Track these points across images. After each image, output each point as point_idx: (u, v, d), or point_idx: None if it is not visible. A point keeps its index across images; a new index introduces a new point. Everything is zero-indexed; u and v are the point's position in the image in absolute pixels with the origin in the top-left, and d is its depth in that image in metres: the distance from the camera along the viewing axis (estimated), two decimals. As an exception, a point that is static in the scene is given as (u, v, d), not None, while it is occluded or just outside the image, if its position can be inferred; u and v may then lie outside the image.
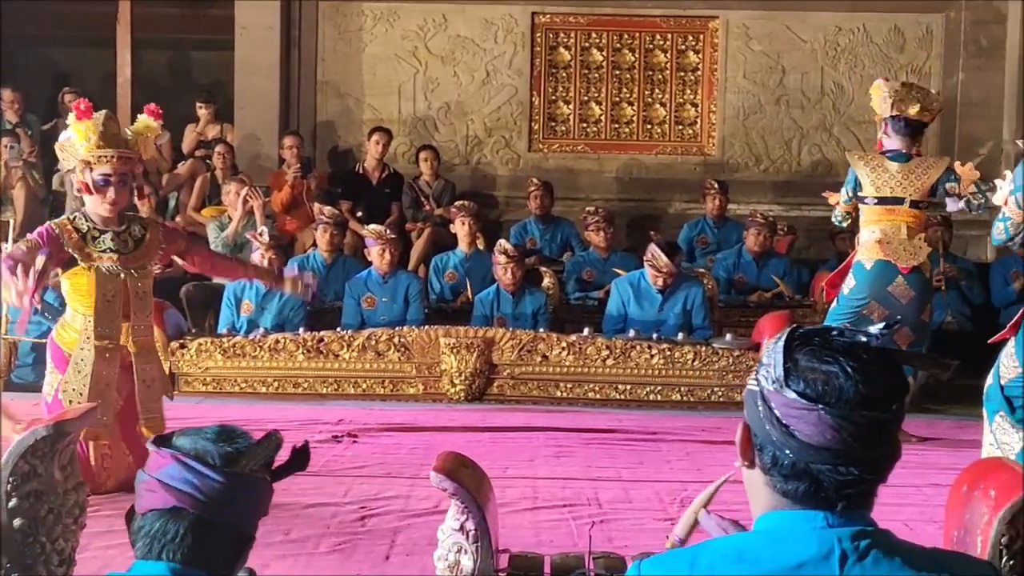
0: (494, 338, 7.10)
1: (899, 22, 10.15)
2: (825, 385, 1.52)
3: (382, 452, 5.70)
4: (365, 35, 10.26)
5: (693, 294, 7.61)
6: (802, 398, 1.53)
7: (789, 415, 1.53)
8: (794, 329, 1.60)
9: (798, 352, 1.56)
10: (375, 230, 7.87)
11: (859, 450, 1.52)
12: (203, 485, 1.84)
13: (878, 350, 1.56)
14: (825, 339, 1.57)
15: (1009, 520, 2.53)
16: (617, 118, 10.41)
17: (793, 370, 1.55)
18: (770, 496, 1.58)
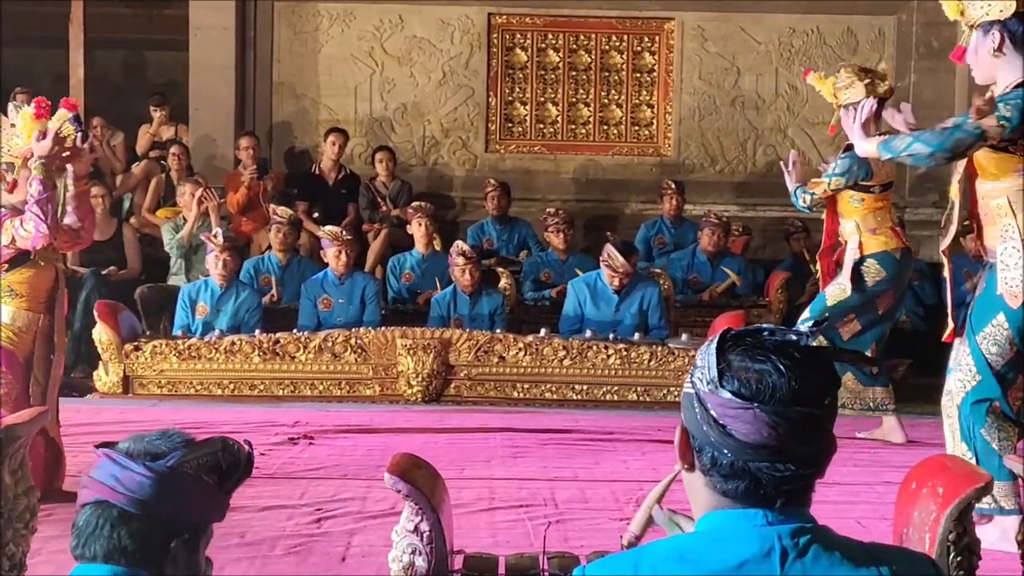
0: (451, 339, 7.11)
1: (852, 24, 10.25)
2: (759, 383, 1.54)
3: (338, 454, 5.69)
4: (321, 36, 10.22)
5: (649, 294, 7.65)
6: (737, 397, 1.55)
7: (725, 415, 1.56)
8: (726, 331, 1.62)
9: (731, 353, 1.58)
10: (331, 231, 7.84)
11: (795, 446, 1.54)
12: (125, 478, 1.86)
13: (809, 348, 1.58)
14: (757, 339, 1.59)
15: (956, 517, 2.56)
16: (574, 119, 10.43)
17: (727, 370, 1.57)
18: (710, 496, 1.60)
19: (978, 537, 2.66)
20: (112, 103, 10.17)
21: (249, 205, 9.21)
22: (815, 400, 1.55)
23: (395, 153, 9.83)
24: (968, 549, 2.60)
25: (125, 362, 7.03)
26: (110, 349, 6.98)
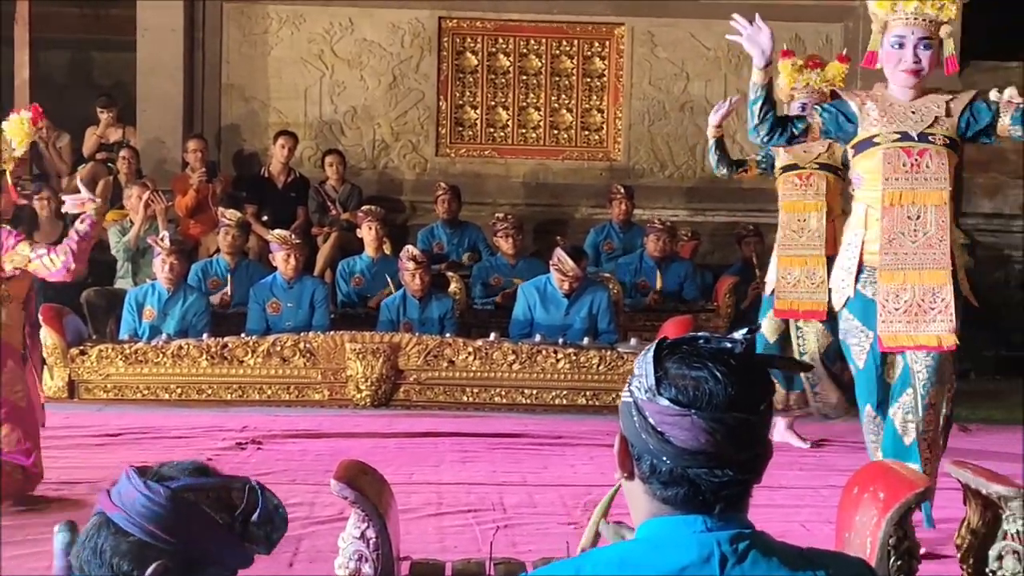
0: (400, 343, 7.10)
1: (800, 31, 10.34)
2: (696, 390, 1.56)
3: (286, 459, 5.67)
4: (270, 38, 10.17)
5: (599, 299, 7.68)
6: (675, 404, 1.57)
7: (664, 422, 1.57)
8: (663, 339, 1.64)
9: (668, 361, 1.60)
10: (280, 235, 7.81)
11: (732, 451, 1.57)
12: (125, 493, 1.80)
13: (744, 355, 1.60)
14: (693, 346, 1.61)
15: (897, 521, 2.60)
16: (524, 123, 10.46)
17: (664, 378, 1.59)
18: (650, 504, 1.62)
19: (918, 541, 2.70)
20: (58, 104, 10.02)
21: (197, 208, 9.15)
22: (751, 406, 1.57)
23: (345, 156, 9.80)
24: (908, 553, 2.64)
25: (70, 366, 6.95)
26: (55, 353, 6.90)
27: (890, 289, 4.05)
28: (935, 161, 4.01)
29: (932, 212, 4.02)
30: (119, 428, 6.29)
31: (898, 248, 4.03)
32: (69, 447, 5.71)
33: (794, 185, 6.07)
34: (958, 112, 4.07)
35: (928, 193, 4.02)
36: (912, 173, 4.02)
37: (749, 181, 7.54)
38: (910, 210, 4.03)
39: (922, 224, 4.03)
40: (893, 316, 4.04)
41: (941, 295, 4.02)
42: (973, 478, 2.82)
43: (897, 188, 4.03)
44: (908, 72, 4.01)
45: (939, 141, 4.03)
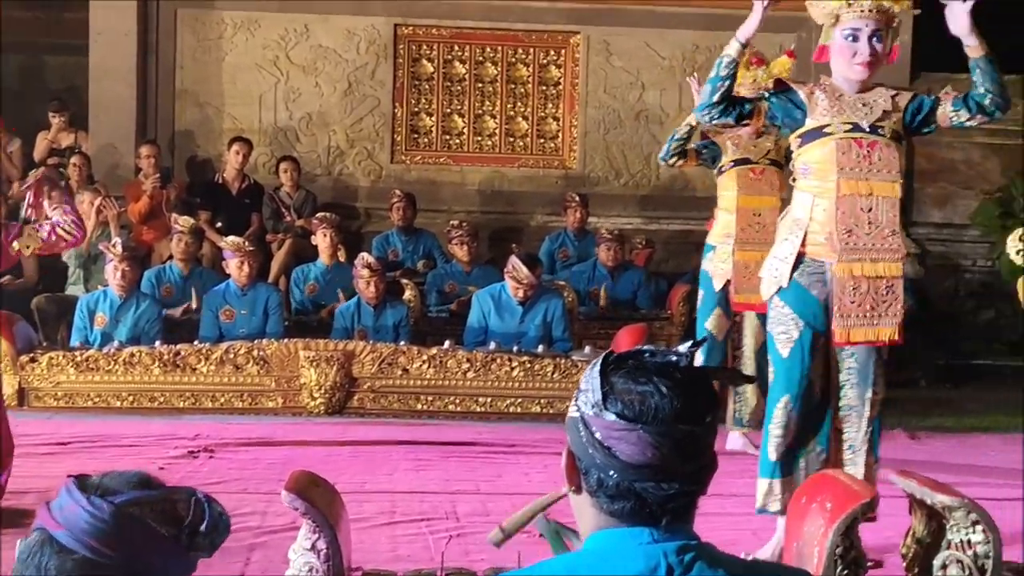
0: (354, 351, 7.08)
1: (755, 40, 10.37)
2: (642, 405, 1.58)
3: (239, 467, 5.64)
4: (225, 43, 10.12)
5: (553, 306, 7.70)
6: (621, 419, 1.58)
7: (610, 437, 1.59)
8: (608, 354, 1.66)
9: (614, 375, 1.62)
10: (233, 242, 7.77)
11: (678, 464, 1.58)
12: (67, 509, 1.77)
13: (689, 368, 1.62)
14: (639, 361, 1.62)
15: (843, 531, 2.63)
16: (480, 131, 10.47)
17: (610, 393, 1.60)
18: (597, 517, 1.63)
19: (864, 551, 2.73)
20: (9, 109, 9.93)
21: (150, 214, 9.08)
22: (697, 419, 1.59)
23: (299, 163, 9.77)
24: (855, 563, 2.67)
25: (20, 374, 6.88)
26: (5, 360, 6.82)
27: (846, 281, 4.03)
28: (886, 153, 4.02)
29: (884, 204, 4.02)
30: (70, 436, 6.23)
31: (855, 240, 4.02)
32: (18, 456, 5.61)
33: (749, 179, 6.13)
34: (903, 106, 4.10)
35: (881, 184, 4.02)
36: (864, 163, 4.03)
37: (704, 189, 7.61)
38: (863, 201, 4.03)
39: (875, 215, 4.02)
40: (850, 310, 4.02)
41: (893, 288, 4.03)
42: (918, 488, 2.86)
43: (852, 178, 4.02)
44: (863, 65, 4.01)
45: (888, 134, 4.04)
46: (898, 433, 6.85)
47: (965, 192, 10.75)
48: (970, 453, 6.59)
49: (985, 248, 10.60)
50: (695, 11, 10.36)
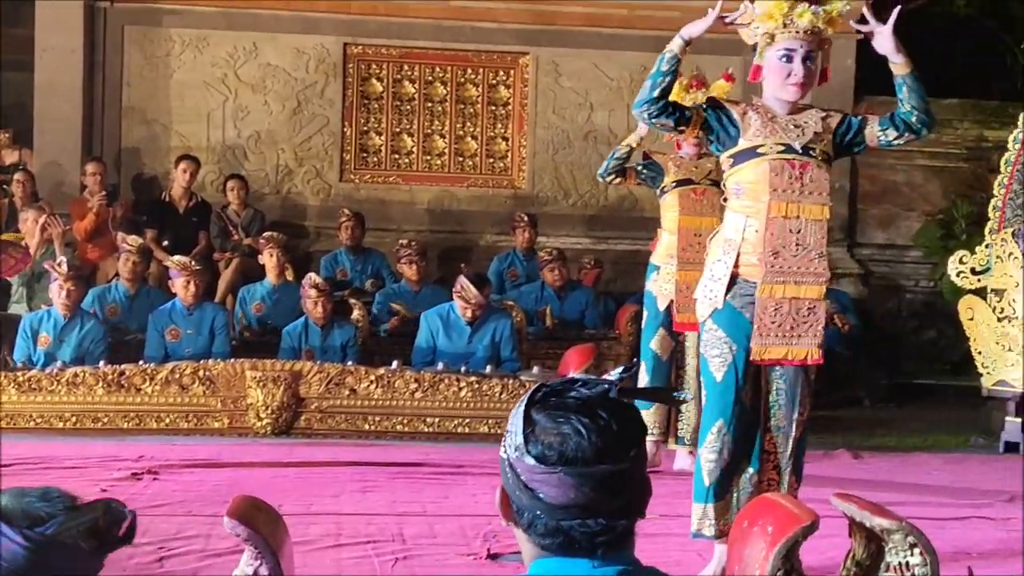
0: (301, 371, 7.05)
1: (701, 63, 10.35)
2: (561, 446, 1.58)
3: (183, 489, 5.58)
4: (173, 61, 10.06)
5: (502, 326, 7.71)
6: (541, 463, 1.58)
7: (533, 480, 1.59)
8: (535, 390, 1.65)
9: (537, 414, 1.62)
10: (179, 261, 7.71)
11: (603, 502, 1.59)
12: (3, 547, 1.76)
13: (614, 400, 1.62)
14: (561, 398, 1.62)
15: (784, 555, 2.66)
16: (429, 150, 10.49)
17: (532, 435, 1.60)
18: (535, 549, 1.64)
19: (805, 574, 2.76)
20: (-48, 124, 9.83)
21: (96, 232, 8.99)
22: (619, 455, 1.59)
23: (247, 181, 9.72)
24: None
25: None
26: None
27: (768, 301, 4.04)
28: (817, 175, 4.03)
29: (812, 227, 4.03)
30: (10, 458, 6.12)
31: (781, 261, 4.03)
32: (-43, 478, 5.56)
33: (690, 200, 6.18)
34: (833, 127, 4.10)
35: (811, 207, 4.02)
36: (795, 185, 4.03)
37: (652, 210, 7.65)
38: (792, 223, 4.03)
39: (803, 238, 4.03)
40: (768, 329, 4.03)
41: (815, 310, 4.04)
42: (858, 511, 2.89)
43: (783, 199, 4.02)
44: (796, 85, 4.00)
45: (819, 156, 4.04)
46: (842, 453, 6.93)
47: (908, 213, 10.92)
48: (912, 472, 6.67)
49: (927, 269, 10.76)
50: (642, 33, 10.42)
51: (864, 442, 7.65)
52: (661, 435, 6.23)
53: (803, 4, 3.96)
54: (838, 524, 3.47)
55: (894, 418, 8.84)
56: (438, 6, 10.23)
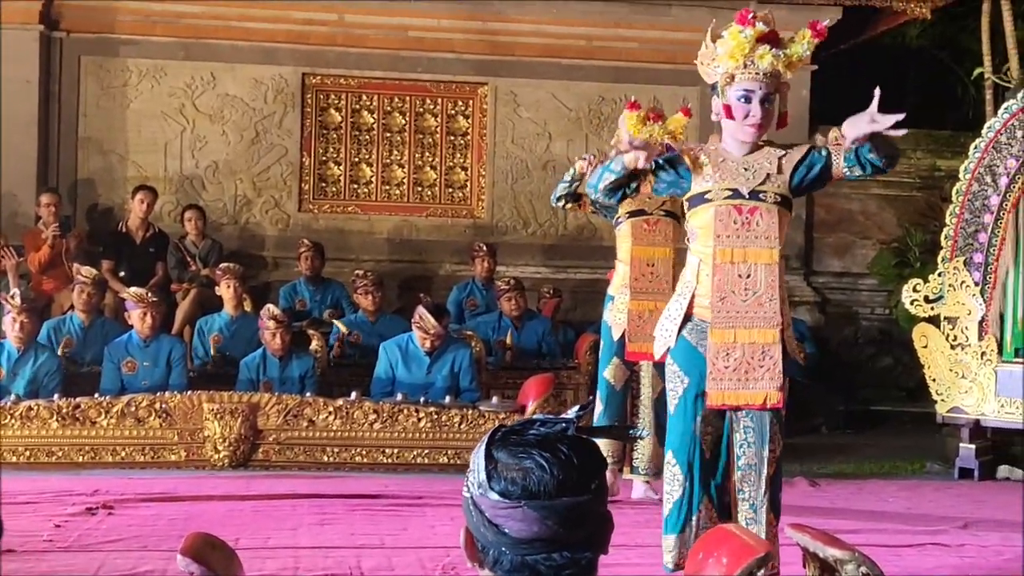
0: (259, 403, 7.02)
1: (658, 93, 10.59)
2: (524, 481, 1.61)
3: (139, 524, 5.52)
4: (130, 91, 10.02)
5: (461, 356, 7.71)
6: (504, 498, 1.62)
7: (497, 515, 1.62)
8: (495, 431, 1.69)
9: (498, 451, 1.65)
10: (135, 293, 7.65)
11: (567, 534, 1.62)
12: None
13: (573, 437, 1.65)
14: (521, 435, 1.65)
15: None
16: (388, 180, 10.49)
17: (494, 472, 1.63)
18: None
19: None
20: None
21: (50, 264, 8.92)
22: (581, 488, 1.62)
23: (205, 211, 9.68)
24: (751, 617, 2.70)
25: (-89, 429, 6.69)
26: None
27: (720, 347, 4.03)
28: (765, 219, 4.01)
29: (762, 271, 4.01)
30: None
31: (729, 306, 4.02)
32: (-92, 515, 5.48)
33: (643, 230, 6.21)
34: (791, 168, 4.05)
35: (758, 251, 4.00)
36: (743, 231, 4.01)
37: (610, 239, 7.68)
38: (740, 268, 4.01)
39: (752, 283, 4.01)
40: (723, 374, 4.02)
41: (770, 353, 4.01)
42: (811, 542, 2.91)
43: (728, 246, 4.02)
44: (754, 127, 4.00)
45: (770, 199, 4.01)
46: (799, 480, 6.97)
47: (863, 242, 11.04)
48: (869, 499, 6.72)
49: (883, 296, 10.87)
50: (599, 63, 10.55)
51: (822, 469, 7.70)
52: (616, 464, 6.24)
53: (764, 46, 3.96)
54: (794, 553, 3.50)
55: (851, 445, 8.91)
56: (396, 37, 10.27)
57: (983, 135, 7.59)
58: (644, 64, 10.36)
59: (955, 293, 7.52)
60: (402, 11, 10.19)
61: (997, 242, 7.52)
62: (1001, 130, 7.50)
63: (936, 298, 7.60)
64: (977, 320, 7.52)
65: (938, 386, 7.62)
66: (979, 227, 7.55)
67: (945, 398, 7.60)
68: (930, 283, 7.64)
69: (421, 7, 10.19)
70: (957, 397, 7.56)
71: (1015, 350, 7.52)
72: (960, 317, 7.55)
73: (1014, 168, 7.46)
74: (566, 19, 10.40)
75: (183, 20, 10.00)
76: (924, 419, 8.52)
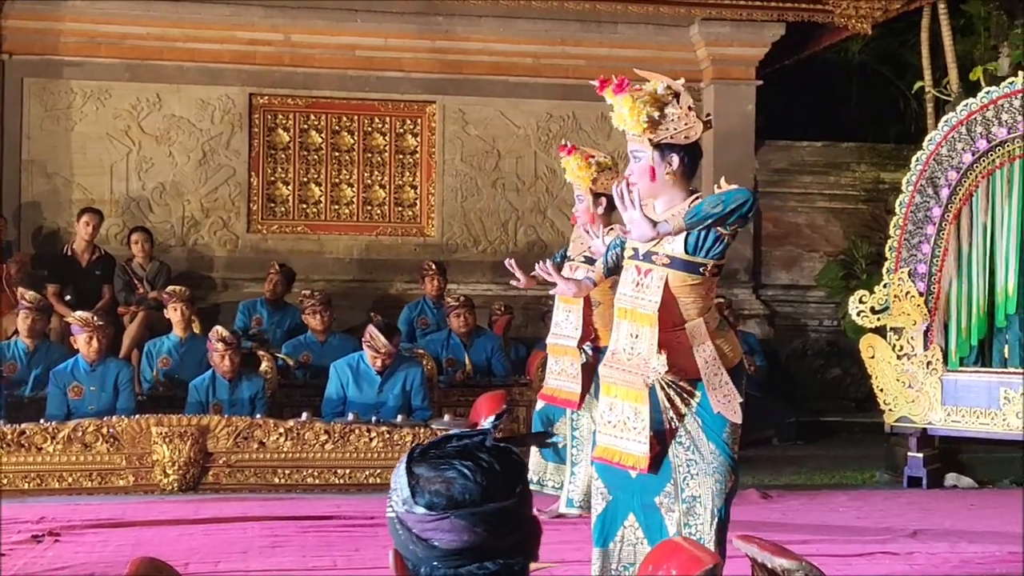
0: (209, 425, 6.95)
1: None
2: (448, 491, 1.62)
3: (86, 551, 5.45)
4: (75, 113, 9.94)
5: (412, 375, 7.68)
6: (431, 510, 1.62)
7: (426, 530, 1.63)
8: (413, 448, 1.70)
9: (419, 467, 1.66)
10: (81, 317, 7.56)
11: (496, 541, 1.63)
12: None
13: (492, 446, 1.67)
14: (440, 449, 1.67)
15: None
16: (337, 199, 10.47)
17: (417, 487, 1.64)
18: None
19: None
20: None
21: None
22: (506, 493, 1.64)
23: (152, 234, 9.60)
24: (697, 629, 2.70)
25: None
26: None
27: (606, 401, 4.04)
28: (654, 282, 3.89)
29: (646, 333, 3.90)
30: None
31: (616, 362, 3.98)
32: None
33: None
34: None
35: (643, 315, 3.91)
36: (636, 291, 3.95)
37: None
38: (632, 327, 3.95)
39: (638, 342, 3.93)
40: (605, 428, 4.02)
41: (641, 415, 3.91)
42: (759, 552, 2.92)
43: (623, 304, 3.98)
44: (632, 184, 3.90)
45: (660, 261, 3.88)
46: (750, 492, 7.00)
47: (810, 255, 11.14)
48: (819, 510, 6.76)
49: (830, 308, 10.98)
50: (548, 81, 10.59)
51: (773, 481, 7.75)
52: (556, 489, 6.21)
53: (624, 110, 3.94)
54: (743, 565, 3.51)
55: (802, 456, 8.96)
56: (344, 56, 10.27)
57: (924, 148, 7.69)
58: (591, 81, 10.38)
59: (900, 304, 7.61)
60: (349, 30, 10.18)
61: (940, 253, 7.62)
62: (942, 142, 7.60)
63: (882, 309, 7.68)
64: (922, 330, 7.61)
65: (886, 396, 7.70)
66: (922, 238, 7.65)
67: (893, 408, 7.68)
68: (876, 294, 7.72)
69: (369, 26, 10.19)
70: (904, 406, 7.63)
71: (960, 359, 7.61)
72: (906, 327, 7.64)
73: (955, 180, 7.57)
74: (514, 37, 10.44)
75: (127, 41, 9.94)
76: (873, 429, 8.59)
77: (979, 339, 7.59)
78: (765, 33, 10.44)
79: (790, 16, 10.07)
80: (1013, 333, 7.55)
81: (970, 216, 7.60)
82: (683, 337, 3.94)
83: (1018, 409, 7.31)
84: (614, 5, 10.02)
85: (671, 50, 10.46)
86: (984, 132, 7.49)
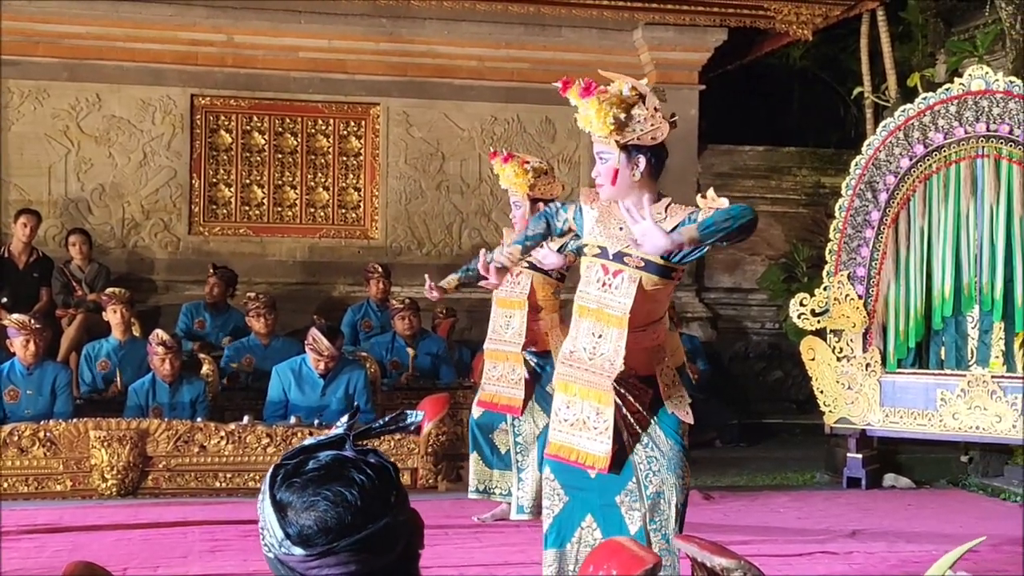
0: (148, 429, 6.88)
1: (550, 114, 10.69)
2: (323, 524, 1.53)
3: (21, 557, 5.37)
4: (11, 113, 9.79)
5: (355, 378, 7.65)
6: (310, 547, 1.53)
7: (309, 569, 1.54)
8: (273, 475, 1.59)
9: (285, 495, 1.56)
10: (17, 320, 7.44)
11: (385, 557, 1.56)
12: None
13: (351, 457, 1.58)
14: (302, 474, 1.57)
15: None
16: (280, 201, 10.40)
17: (287, 523, 1.55)
18: None
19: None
20: None
21: (-73, 292, 8.65)
22: (383, 509, 1.56)
23: (91, 235, 9.47)
24: (639, 628, 2.72)
25: None
26: None
27: (562, 399, 4.00)
28: (625, 283, 3.85)
29: (613, 334, 3.88)
30: None
31: (576, 361, 3.95)
32: None
33: (506, 282, 6.13)
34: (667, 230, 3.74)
35: (611, 316, 3.88)
36: (603, 291, 3.90)
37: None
38: (595, 327, 3.92)
39: (603, 343, 3.90)
40: (561, 426, 3.98)
41: (604, 416, 3.90)
42: (699, 552, 2.95)
43: (587, 303, 3.93)
44: (600, 185, 3.90)
45: (633, 264, 3.85)
46: (693, 494, 7.02)
47: (752, 258, 11.24)
48: (760, 511, 6.83)
49: (772, 311, 11.08)
50: (492, 84, 10.59)
51: (716, 482, 7.80)
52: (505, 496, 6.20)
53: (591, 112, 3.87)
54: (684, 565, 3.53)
55: (744, 458, 9.04)
56: (287, 57, 10.20)
57: (863, 152, 7.79)
58: (535, 84, 10.42)
59: (840, 306, 7.69)
60: (293, 32, 10.12)
61: (879, 256, 7.71)
62: (880, 147, 7.70)
63: (822, 311, 7.77)
64: (861, 332, 7.70)
65: (825, 397, 7.78)
66: (861, 242, 7.74)
67: (833, 409, 7.76)
68: (816, 297, 7.80)
69: (312, 28, 10.13)
70: (844, 408, 7.72)
71: (898, 361, 7.71)
72: (845, 330, 7.73)
73: (893, 184, 7.67)
74: (458, 40, 10.43)
75: (66, 40, 9.80)
76: (814, 430, 8.68)
77: (916, 341, 7.69)
78: (708, 38, 10.52)
79: (732, 21, 10.15)
80: (949, 335, 7.66)
81: (908, 220, 7.71)
82: (640, 337, 3.92)
83: (954, 410, 7.42)
84: (558, 9, 10.07)
85: (615, 54, 10.50)
86: (921, 137, 7.59)
